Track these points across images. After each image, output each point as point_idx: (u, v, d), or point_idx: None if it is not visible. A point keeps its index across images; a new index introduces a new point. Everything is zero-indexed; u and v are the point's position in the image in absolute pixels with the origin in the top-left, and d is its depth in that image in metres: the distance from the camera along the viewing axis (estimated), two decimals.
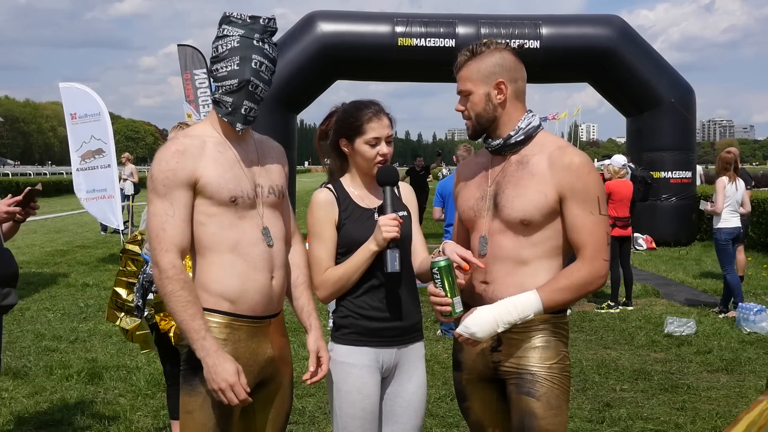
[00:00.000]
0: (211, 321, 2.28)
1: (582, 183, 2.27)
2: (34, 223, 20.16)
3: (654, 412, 4.87)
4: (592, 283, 2.28)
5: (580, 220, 2.27)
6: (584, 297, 2.36)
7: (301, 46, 13.56)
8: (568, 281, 2.26)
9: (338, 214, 2.56)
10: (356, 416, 2.53)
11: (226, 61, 2.27)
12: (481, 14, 14.80)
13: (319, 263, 2.54)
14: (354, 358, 2.53)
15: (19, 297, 9.36)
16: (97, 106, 11.56)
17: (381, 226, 2.37)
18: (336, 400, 2.56)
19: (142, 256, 3.58)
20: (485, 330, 2.26)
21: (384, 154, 2.54)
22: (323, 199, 2.58)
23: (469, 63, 2.36)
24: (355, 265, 2.46)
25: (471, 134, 2.44)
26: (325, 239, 2.55)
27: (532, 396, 2.30)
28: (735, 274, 7.81)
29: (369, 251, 2.41)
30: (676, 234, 14.10)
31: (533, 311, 2.25)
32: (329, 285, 2.52)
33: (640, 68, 13.90)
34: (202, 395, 2.25)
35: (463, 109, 2.41)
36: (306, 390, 5.19)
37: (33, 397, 5.14)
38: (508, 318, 2.25)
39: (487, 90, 2.35)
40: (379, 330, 2.55)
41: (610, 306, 8.22)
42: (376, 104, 2.58)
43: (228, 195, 2.28)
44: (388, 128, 2.55)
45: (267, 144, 2.52)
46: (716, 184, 7.83)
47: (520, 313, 2.25)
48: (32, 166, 77.19)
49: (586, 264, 2.26)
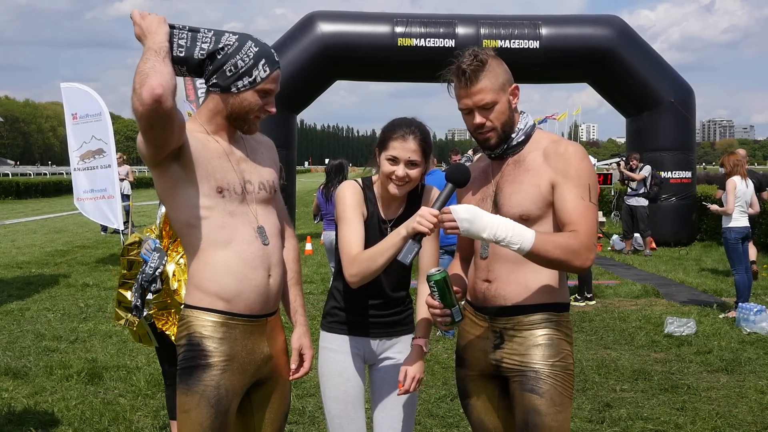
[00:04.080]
0: (207, 320, 2.28)
1: (574, 168, 2.29)
2: (35, 224, 20.16)
3: (654, 413, 4.87)
4: (581, 256, 2.22)
5: (571, 203, 2.27)
6: (567, 267, 2.27)
7: (301, 47, 13.56)
8: (562, 240, 2.23)
9: (365, 209, 2.62)
10: (338, 399, 2.64)
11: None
12: (480, 14, 14.76)
13: (349, 245, 2.52)
14: (336, 344, 2.67)
15: (19, 297, 9.38)
16: (98, 106, 11.56)
17: (418, 215, 2.29)
18: (321, 385, 2.70)
19: (141, 256, 3.58)
20: (474, 227, 2.19)
21: (398, 176, 2.52)
22: (355, 189, 2.63)
23: (486, 73, 2.31)
24: (383, 248, 2.40)
25: (495, 144, 2.37)
26: (356, 224, 2.57)
27: (535, 393, 2.30)
28: (744, 274, 7.81)
29: (398, 235, 2.36)
30: (676, 234, 14.10)
31: (520, 243, 2.18)
32: (356, 265, 2.46)
33: (640, 68, 13.90)
34: (199, 394, 2.25)
35: (484, 121, 2.34)
36: (306, 390, 5.19)
37: (33, 397, 5.14)
38: (498, 232, 2.19)
39: (507, 97, 2.36)
40: (358, 321, 2.65)
41: (577, 300, 8.49)
42: (413, 126, 2.55)
43: (215, 184, 2.27)
44: (411, 152, 2.51)
45: (255, 138, 2.50)
46: (727, 184, 7.83)
47: (511, 236, 2.18)
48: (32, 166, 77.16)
49: (579, 236, 2.23)
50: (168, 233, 3.60)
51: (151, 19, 2.22)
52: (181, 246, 3.30)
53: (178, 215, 2.31)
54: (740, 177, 7.81)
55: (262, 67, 2.29)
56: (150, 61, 2.11)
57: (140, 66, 2.11)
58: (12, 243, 15.25)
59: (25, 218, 21.94)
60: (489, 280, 2.40)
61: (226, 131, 2.36)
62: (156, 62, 2.10)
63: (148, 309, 3.56)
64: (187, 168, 2.25)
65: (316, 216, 8.07)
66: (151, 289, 3.49)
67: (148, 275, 3.47)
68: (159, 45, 2.15)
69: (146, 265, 3.50)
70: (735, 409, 4.93)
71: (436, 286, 2.30)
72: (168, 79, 2.08)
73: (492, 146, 2.38)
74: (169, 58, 2.16)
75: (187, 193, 2.27)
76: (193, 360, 2.26)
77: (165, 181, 2.28)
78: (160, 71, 2.08)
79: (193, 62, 2.28)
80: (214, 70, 2.28)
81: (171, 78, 2.11)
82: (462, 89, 2.33)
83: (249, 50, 2.28)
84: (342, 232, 2.58)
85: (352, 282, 2.48)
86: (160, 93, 2.04)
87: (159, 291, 3.50)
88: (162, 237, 3.62)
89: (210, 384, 2.25)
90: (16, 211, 25.55)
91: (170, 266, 3.52)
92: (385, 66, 14.12)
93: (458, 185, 2.38)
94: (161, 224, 3.64)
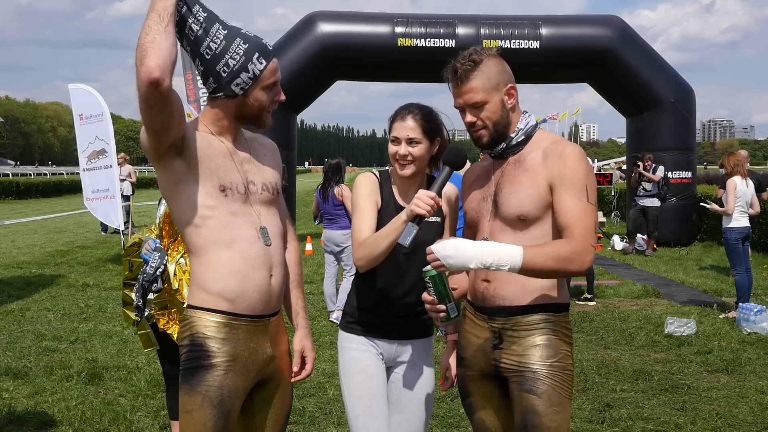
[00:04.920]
0: (210, 320, 2.28)
1: (570, 169, 2.29)
2: (35, 224, 20.16)
3: (654, 413, 4.87)
4: (575, 261, 2.22)
5: (569, 205, 2.27)
6: (565, 274, 2.29)
7: (301, 47, 13.56)
8: (552, 249, 2.24)
9: (380, 198, 2.64)
10: (362, 396, 2.61)
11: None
12: (480, 15, 14.75)
13: (359, 231, 2.57)
14: (355, 344, 2.67)
15: (19, 297, 9.38)
16: (99, 107, 11.57)
17: (416, 198, 2.35)
18: (343, 384, 2.68)
19: (142, 256, 3.58)
20: (459, 260, 2.21)
21: (400, 155, 2.59)
22: (370, 179, 2.67)
23: (477, 73, 2.33)
24: (386, 232, 2.45)
25: (487, 143, 2.40)
26: (368, 213, 2.60)
27: (534, 393, 2.30)
28: (744, 274, 7.81)
29: (399, 219, 2.42)
30: (676, 234, 14.10)
31: (510, 263, 2.20)
32: (362, 249, 2.52)
33: (640, 68, 13.90)
34: (202, 394, 2.25)
35: (475, 120, 2.38)
36: (306, 390, 5.19)
37: (33, 397, 5.14)
38: (485, 259, 2.20)
39: (501, 97, 2.36)
40: (375, 323, 2.65)
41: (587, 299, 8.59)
42: (412, 107, 2.63)
43: (217, 182, 2.27)
44: (409, 130, 2.58)
45: (258, 140, 2.51)
46: (727, 184, 7.83)
47: (498, 260, 2.20)
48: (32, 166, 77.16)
49: (573, 241, 2.24)
50: (168, 232, 3.59)
51: None
52: (183, 245, 3.31)
53: (181, 213, 2.31)
54: (740, 177, 7.82)
55: (257, 60, 2.27)
56: (151, 32, 2.07)
57: (141, 37, 2.08)
58: (12, 243, 15.25)
59: (25, 218, 21.93)
60: (488, 279, 2.41)
61: (230, 133, 2.36)
62: (157, 34, 2.07)
63: (149, 309, 3.56)
64: (190, 164, 2.25)
65: (317, 217, 8.07)
66: (153, 289, 3.50)
67: (149, 275, 3.48)
68: (163, 7, 2.12)
69: (147, 265, 3.51)
70: (735, 410, 4.93)
71: (431, 281, 2.31)
72: (166, 57, 2.06)
73: (484, 144, 2.41)
74: (172, 25, 2.12)
75: (190, 191, 2.26)
76: (196, 360, 2.26)
77: (168, 177, 2.28)
78: (159, 46, 2.05)
79: (195, 51, 2.28)
80: (206, 73, 2.28)
81: (170, 53, 2.08)
82: (455, 88, 2.38)
83: (239, 48, 2.26)
84: (354, 222, 2.63)
85: (359, 266, 2.56)
86: (156, 77, 2.03)
87: (160, 291, 3.51)
88: (162, 236, 3.61)
89: (213, 384, 2.25)
90: (17, 211, 25.56)
91: (171, 266, 3.51)
92: (386, 66, 14.13)
93: (455, 167, 2.43)
94: (161, 223, 3.63)
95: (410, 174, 2.61)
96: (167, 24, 2.10)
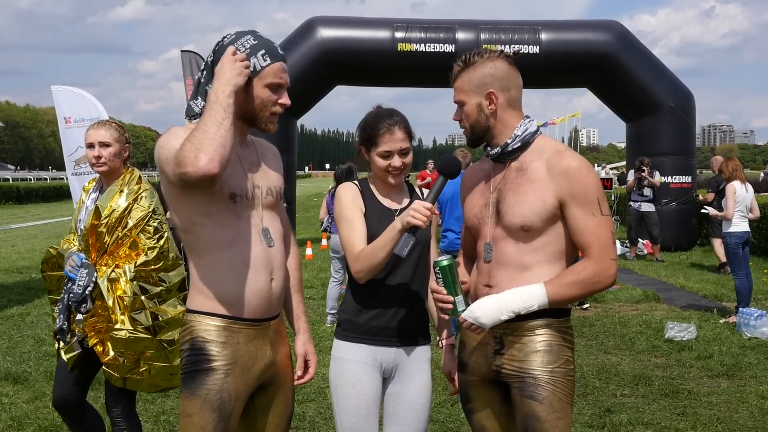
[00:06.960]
0: (210, 324, 2.29)
1: (581, 186, 2.29)
2: (35, 228, 20.16)
3: (655, 418, 4.87)
4: (600, 282, 2.29)
5: (582, 223, 2.29)
6: (594, 293, 2.40)
7: (301, 52, 13.58)
8: (574, 277, 2.28)
9: (363, 204, 2.63)
10: (350, 412, 2.57)
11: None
12: (480, 20, 14.73)
13: (351, 243, 2.55)
14: (350, 354, 2.59)
15: (19, 302, 9.34)
16: (96, 111, 11.56)
17: (411, 209, 2.35)
18: (333, 396, 2.63)
19: (66, 273, 3.22)
20: (490, 316, 2.30)
21: (395, 167, 2.60)
22: (350, 189, 2.66)
23: (462, 74, 2.40)
24: (382, 242, 2.44)
25: (468, 142, 2.49)
26: (355, 222, 2.59)
27: (535, 399, 2.31)
28: (744, 279, 7.81)
29: (395, 229, 2.40)
30: (676, 239, 14.09)
31: (537, 303, 2.27)
32: (359, 261, 2.50)
33: (640, 73, 13.91)
34: (201, 398, 2.25)
35: (458, 119, 2.45)
36: (306, 395, 5.18)
37: (33, 402, 5.13)
38: (512, 306, 2.28)
39: (479, 100, 2.38)
40: (376, 329, 2.59)
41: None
42: (394, 117, 2.61)
43: (228, 190, 2.27)
44: (401, 142, 2.59)
45: (264, 145, 2.52)
46: (727, 189, 7.84)
47: (525, 303, 2.27)
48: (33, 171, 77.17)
49: (592, 262, 2.28)
50: (95, 245, 3.22)
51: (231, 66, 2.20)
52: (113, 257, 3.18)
53: (184, 217, 2.30)
54: (740, 182, 7.82)
55: (261, 56, 2.28)
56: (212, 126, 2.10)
57: (200, 127, 2.10)
58: (12, 248, 15.24)
59: (25, 223, 21.93)
60: (490, 285, 2.41)
61: (237, 135, 2.34)
62: (218, 131, 2.10)
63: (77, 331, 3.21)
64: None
65: (323, 222, 8.09)
66: (81, 310, 3.17)
67: (77, 295, 3.13)
68: (228, 103, 2.15)
69: (73, 283, 3.15)
70: (736, 414, 4.93)
71: (442, 272, 2.33)
72: (225, 153, 2.10)
73: (468, 143, 2.49)
74: (230, 119, 2.14)
75: (198, 198, 2.25)
76: (196, 364, 2.26)
77: (174, 186, 2.25)
78: (221, 143, 2.09)
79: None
80: (213, 65, 2.28)
81: (228, 150, 2.11)
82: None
83: (246, 41, 2.28)
84: (342, 233, 2.60)
85: (359, 278, 2.53)
86: (215, 173, 2.08)
87: (89, 311, 3.17)
88: (88, 250, 3.25)
89: (213, 388, 2.25)
90: (17, 216, 25.55)
91: (102, 282, 3.15)
92: (386, 71, 14.15)
93: (450, 176, 2.44)
94: (85, 236, 3.25)
95: (400, 182, 2.66)
96: (226, 118, 2.13)
